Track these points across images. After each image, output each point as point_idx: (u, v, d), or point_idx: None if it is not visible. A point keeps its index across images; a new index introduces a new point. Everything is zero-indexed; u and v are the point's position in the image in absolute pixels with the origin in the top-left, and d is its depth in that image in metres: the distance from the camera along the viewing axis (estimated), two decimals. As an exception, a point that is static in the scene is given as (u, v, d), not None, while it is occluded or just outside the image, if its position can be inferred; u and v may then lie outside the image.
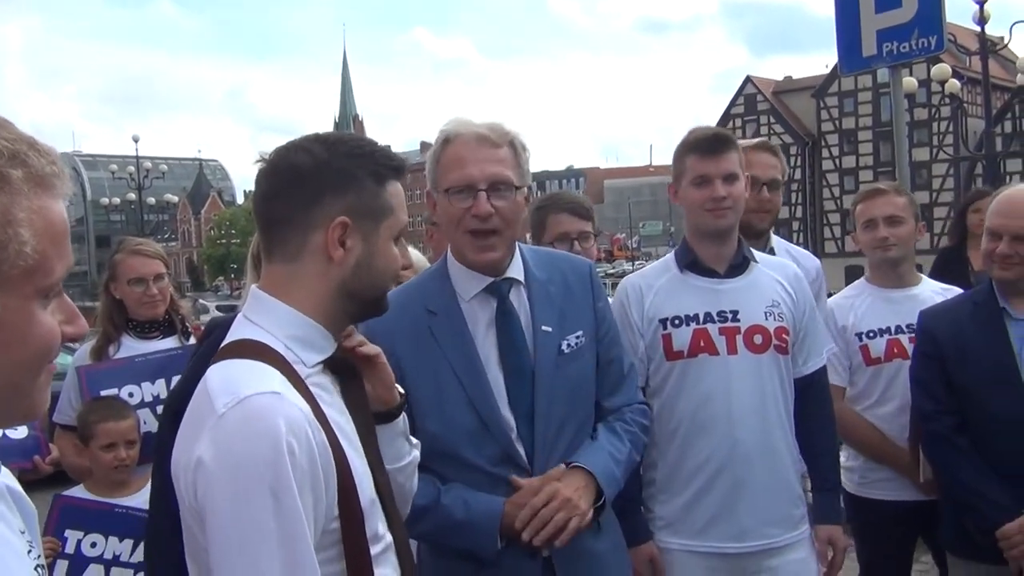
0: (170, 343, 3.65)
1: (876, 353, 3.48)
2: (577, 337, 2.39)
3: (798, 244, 3.04)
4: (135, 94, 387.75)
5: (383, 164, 1.67)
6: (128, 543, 3.10)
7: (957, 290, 3.52)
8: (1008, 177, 25.03)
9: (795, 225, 62.84)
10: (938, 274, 4.57)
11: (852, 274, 6.73)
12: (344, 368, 1.71)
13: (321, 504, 1.49)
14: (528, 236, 3.74)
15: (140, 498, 3.18)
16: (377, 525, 1.63)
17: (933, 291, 3.54)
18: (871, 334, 3.50)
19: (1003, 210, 3.00)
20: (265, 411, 1.44)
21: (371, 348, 1.79)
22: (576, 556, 2.30)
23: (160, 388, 3.50)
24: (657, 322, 2.84)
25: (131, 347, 3.58)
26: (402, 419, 1.86)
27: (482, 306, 2.35)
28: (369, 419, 1.74)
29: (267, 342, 1.58)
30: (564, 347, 2.36)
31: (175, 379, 3.44)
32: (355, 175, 1.64)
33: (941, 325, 3.12)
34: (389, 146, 1.77)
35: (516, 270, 2.39)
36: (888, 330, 3.48)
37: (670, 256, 3.02)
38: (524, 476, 2.27)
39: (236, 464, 1.43)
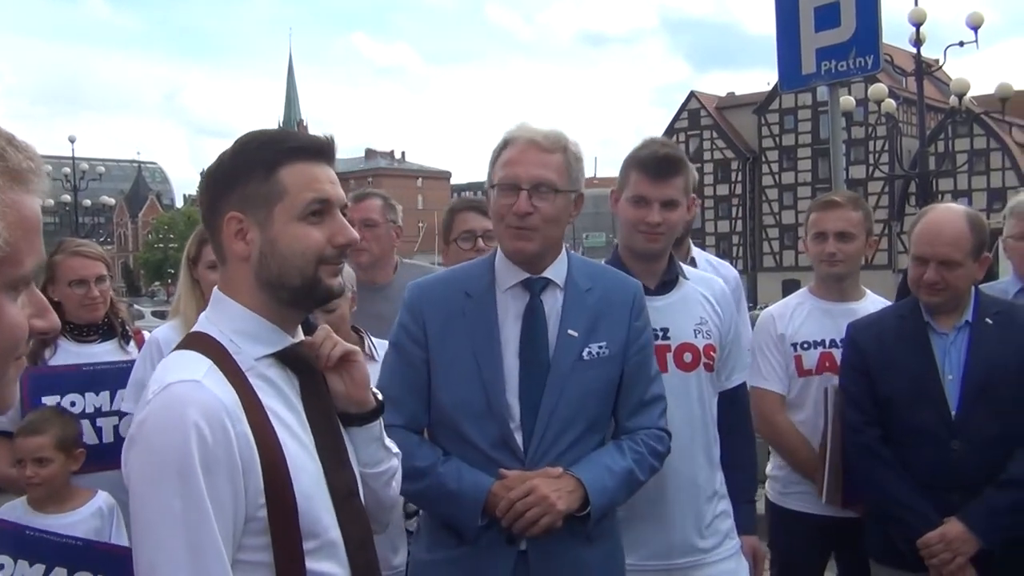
0: (109, 347, 3.57)
1: (808, 365, 3.48)
2: (600, 347, 2.42)
3: (738, 258, 3.00)
4: (68, 94, 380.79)
5: (273, 150, 1.67)
6: (39, 568, 2.87)
7: None
8: (940, 196, 25.62)
9: (735, 239, 63.66)
10: None
11: (789, 288, 6.78)
12: (301, 364, 1.74)
13: (240, 491, 1.54)
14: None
15: (75, 516, 3.05)
16: (320, 519, 1.65)
17: (875, 306, 3.50)
18: (805, 345, 3.49)
19: (928, 238, 3.02)
20: (180, 398, 1.52)
21: (341, 349, 1.80)
22: (552, 556, 2.33)
23: (104, 400, 3.41)
24: None
25: (68, 350, 3.46)
26: (378, 424, 1.88)
27: (515, 298, 2.44)
28: (329, 417, 1.77)
29: (212, 334, 1.67)
30: (585, 353, 2.40)
31: (120, 392, 3.38)
32: (239, 171, 1.67)
33: (867, 338, 3.17)
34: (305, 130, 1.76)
35: (556, 273, 2.46)
36: (822, 343, 3.47)
37: None
38: (518, 465, 2.34)
39: (149, 448, 1.52)
